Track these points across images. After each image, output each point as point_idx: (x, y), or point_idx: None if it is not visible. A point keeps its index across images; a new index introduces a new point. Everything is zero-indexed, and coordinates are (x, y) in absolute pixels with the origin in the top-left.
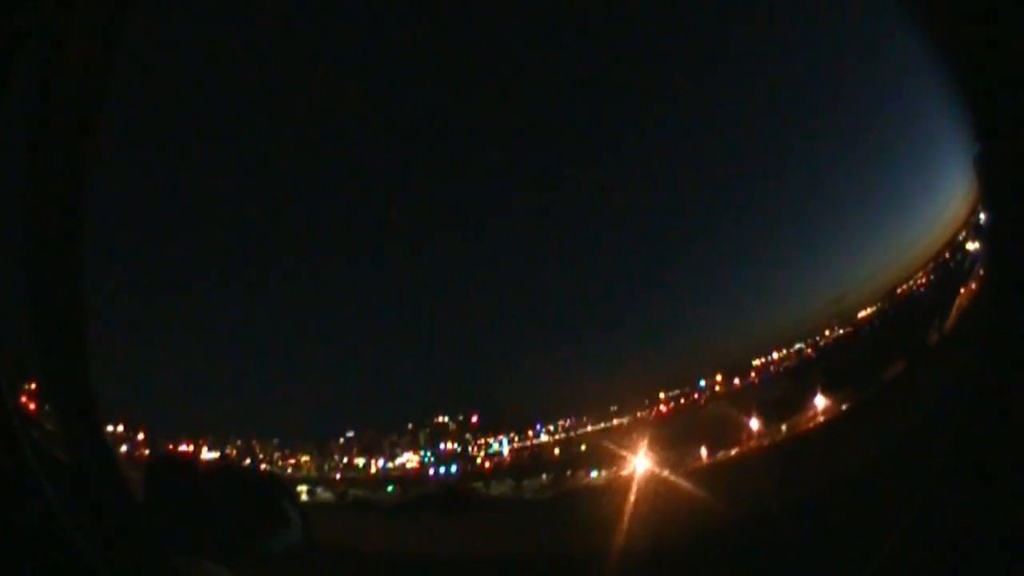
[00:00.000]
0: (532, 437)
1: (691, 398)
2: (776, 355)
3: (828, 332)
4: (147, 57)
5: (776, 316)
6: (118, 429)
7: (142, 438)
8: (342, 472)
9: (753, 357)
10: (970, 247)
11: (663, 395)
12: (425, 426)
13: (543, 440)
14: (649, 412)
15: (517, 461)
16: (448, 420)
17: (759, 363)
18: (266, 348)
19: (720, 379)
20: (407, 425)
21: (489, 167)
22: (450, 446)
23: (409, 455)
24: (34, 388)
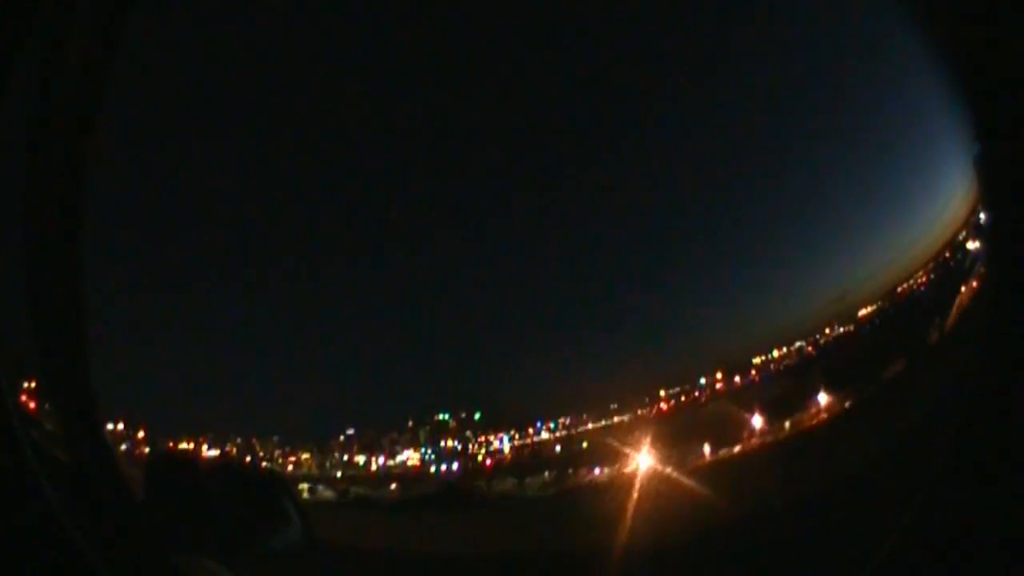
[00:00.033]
0: (533, 435)
1: (691, 396)
2: (776, 353)
3: (828, 331)
4: (147, 57)
5: (776, 315)
6: (118, 427)
7: (142, 436)
8: (342, 470)
9: (753, 355)
10: (970, 246)
11: (663, 393)
12: (425, 424)
13: (544, 438)
14: (650, 410)
15: (518, 459)
16: (448, 418)
17: (759, 361)
18: (266, 346)
19: (720, 377)
20: (407, 423)
21: (489, 167)
22: (450, 444)
23: (410, 453)
24: (34, 387)
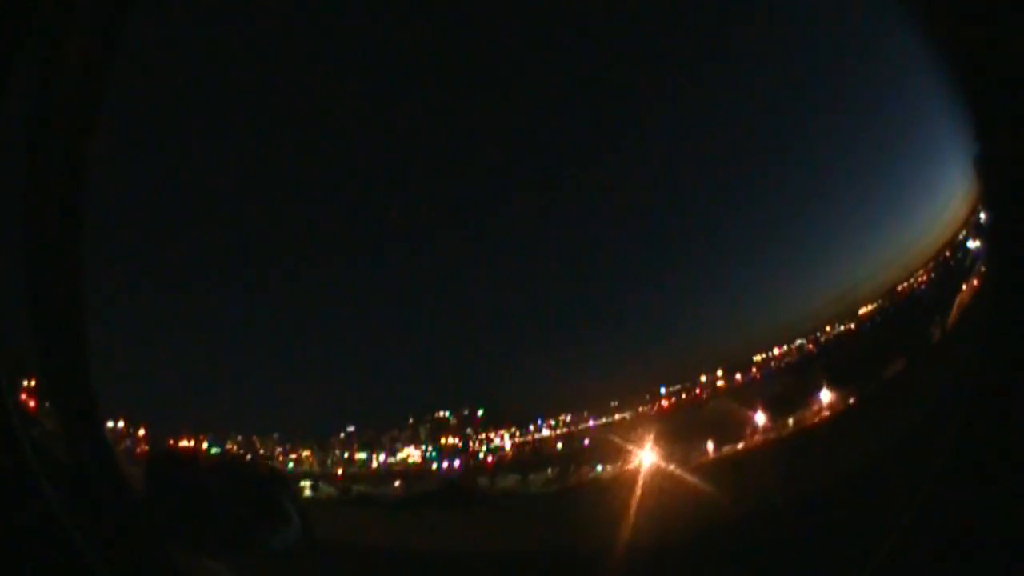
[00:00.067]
0: (534, 432)
1: (692, 394)
2: (777, 351)
3: (829, 328)
4: (147, 57)
5: (777, 314)
6: (119, 425)
7: (143, 434)
8: (344, 467)
9: (754, 353)
10: (971, 245)
11: (664, 391)
12: (426, 421)
13: (545, 435)
14: (651, 407)
15: (519, 456)
16: (449, 415)
17: (760, 359)
18: (267, 344)
19: (721, 375)
20: (408, 420)
21: (489, 167)
22: (451, 441)
23: (411, 450)
24: (34, 385)
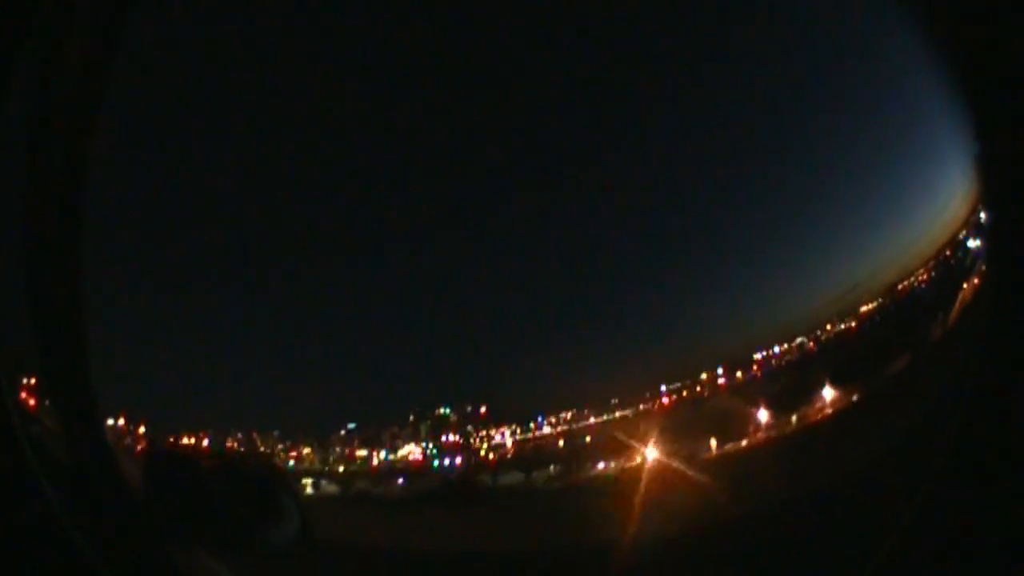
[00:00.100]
0: (535, 429)
1: (693, 391)
2: (778, 349)
3: (830, 326)
4: (147, 57)
5: (778, 312)
6: (119, 423)
7: (143, 432)
8: (344, 464)
9: (755, 351)
10: (971, 244)
11: (664, 388)
12: (426, 418)
13: (546, 432)
14: (651, 405)
15: (521, 453)
16: (449, 412)
17: (760, 357)
18: (268, 341)
19: (722, 373)
20: (408, 417)
21: (489, 167)
22: (452, 438)
23: (411, 447)
24: (34, 384)
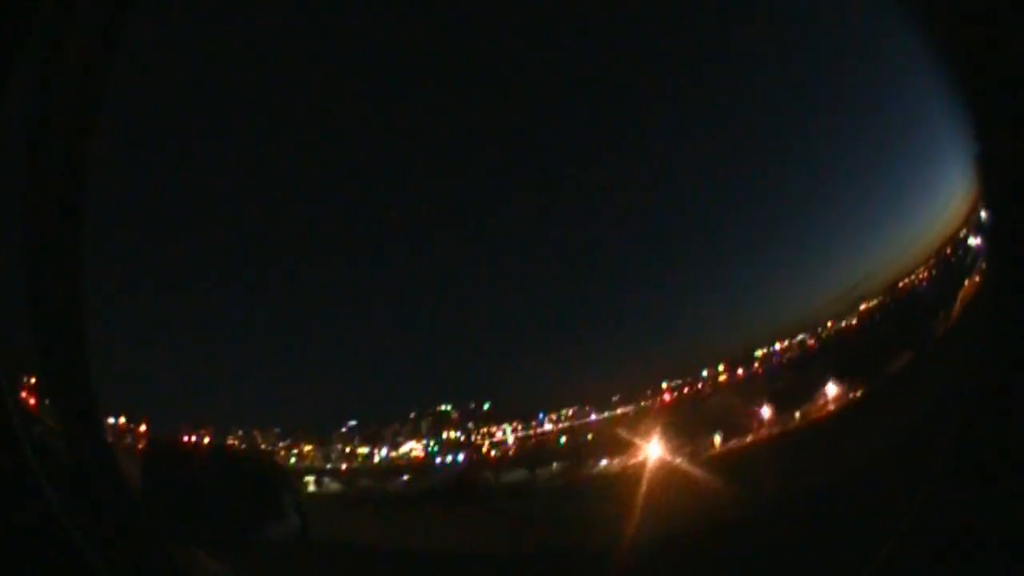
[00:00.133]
0: (537, 426)
1: (694, 388)
2: (779, 347)
3: (830, 325)
4: (147, 57)
5: (778, 313)
6: (120, 421)
7: (144, 430)
8: (346, 462)
9: (756, 348)
10: (971, 243)
11: (666, 385)
12: (427, 415)
13: (548, 429)
14: (652, 402)
15: (523, 450)
16: (450, 409)
17: (761, 355)
18: (269, 338)
19: (723, 370)
20: (410, 414)
21: (489, 167)
22: (453, 435)
23: (413, 444)
24: (34, 383)
